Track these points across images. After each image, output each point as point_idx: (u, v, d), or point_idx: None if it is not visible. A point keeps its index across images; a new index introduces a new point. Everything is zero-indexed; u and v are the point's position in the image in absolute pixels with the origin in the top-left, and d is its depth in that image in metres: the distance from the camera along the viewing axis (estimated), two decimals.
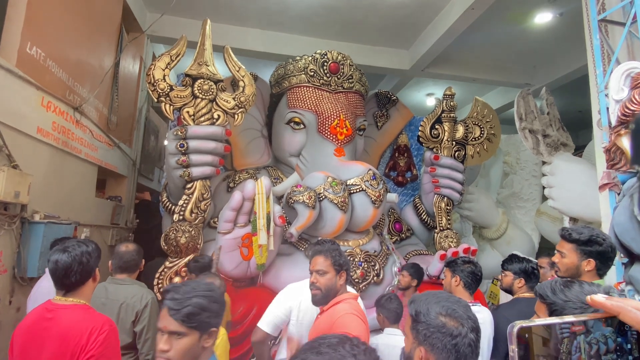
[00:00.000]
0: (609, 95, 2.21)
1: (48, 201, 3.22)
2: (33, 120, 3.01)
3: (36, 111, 3.06)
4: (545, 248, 5.46)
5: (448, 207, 4.22)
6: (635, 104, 1.93)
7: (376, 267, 3.40)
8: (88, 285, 1.68)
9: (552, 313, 1.11)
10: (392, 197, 4.09)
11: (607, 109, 2.35)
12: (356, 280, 3.25)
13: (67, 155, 3.56)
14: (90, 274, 1.67)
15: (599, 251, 1.69)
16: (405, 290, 3.12)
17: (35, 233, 2.84)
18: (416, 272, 3.13)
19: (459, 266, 2.20)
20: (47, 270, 2.49)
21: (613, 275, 2.44)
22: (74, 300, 1.62)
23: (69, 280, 1.60)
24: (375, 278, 3.35)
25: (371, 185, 3.48)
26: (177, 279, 3.05)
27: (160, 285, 3.12)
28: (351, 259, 3.32)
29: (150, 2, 5.19)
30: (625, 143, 1.98)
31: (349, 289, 2.34)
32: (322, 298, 1.88)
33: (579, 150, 4.79)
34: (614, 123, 2.10)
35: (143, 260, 2.39)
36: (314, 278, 1.91)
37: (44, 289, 2.28)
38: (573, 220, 3.99)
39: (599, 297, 0.69)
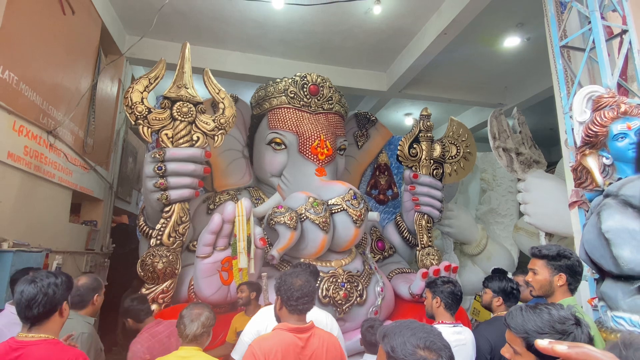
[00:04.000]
0: (573, 117, 2.33)
1: (18, 228, 3.09)
2: (3, 145, 2.92)
3: (7, 136, 2.97)
4: (524, 263, 5.57)
5: (429, 225, 4.28)
6: (597, 126, 2.04)
7: (359, 288, 3.38)
8: (54, 319, 1.58)
9: (530, 347, 1.09)
10: (374, 215, 4.11)
11: (572, 129, 2.47)
12: (339, 301, 3.22)
13: (40, 180, 3.45)
14: (55, 308, 1.58)
15: (567, 265, 1.75)
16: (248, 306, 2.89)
17: (2, 262, 2.70)
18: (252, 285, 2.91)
19: (438, 287, 2.20)
20: (7, 306, 2.38)
21: (587, 291, 2.51)
22: (42, 336, 1.54)
23: (31, 312, 1.53)
24: (358, 299, 3.33)
25: (352, 204, 3.49)
26: (154, 307, 2.95)
27: None
28: (334, 279, 3.29)
29: (129, 25, 5.20)
30: (590, 162, 2.07)
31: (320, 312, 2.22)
32: None
33: (551, 167, 4.98)
34: (578, 143, 2.21)
35: (96, 296, 2.27)
36: None
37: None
38: (549, 235, 4.10)
39: (561, 348, 0.68)
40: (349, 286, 3.32)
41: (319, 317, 2.16)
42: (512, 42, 5.43)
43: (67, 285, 1.65)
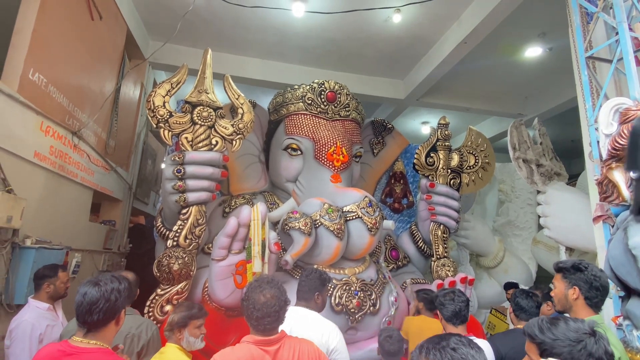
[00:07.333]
0: (599, 130, 2.27)
1: (41, 226, 3.18)
2: (31, 144, 3.02)
3: (34, 135, 3.08)
4: (543, 277, 5.42)
5: (444, 235, 4.22)
6: (625, 138, 1.98)
7: (372, 297, 3.34)
8: (110, 327, 1.51)
9: (542, 353, 1.12)
10: (389, 224, 4.07)
11: (598, 142, 2.41)
12: (352, 310, 3.19)
13: (63, 179, 3.55)
14: (114, 315, 1.51)
15: (581, 278, 1.67)
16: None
17: (25, 258, 2.79)
18: None
19: (438, 299, 2.19)
20: (30, 300, 2.44)
21: (611, 309, 2.42)
22: (97, 343, 1.45)
23: (91, 317, 1.45)
24: (371, 308, 3.29)
25: (367, 212, 3.47)
26: (168, 307, 2.98)
27: (151, 314, 3.04)
28: (347, 287, 3.27)
29: (153, 31, 5.34)
30: (617, 176, 2.01)
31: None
32: None
33: (572, 179, 4.85)
34: (604, 156, 2.15)
35: (138, 290, 2.34)
36: None
37: (27, 324, 2.20)
38: (569, 250, 3.98)
39: None
40: (362, 295, 3.28)
41: (313, 335, 2.04)
42: (533, 52, 5.34)
43: (128, 293, 1.59)
